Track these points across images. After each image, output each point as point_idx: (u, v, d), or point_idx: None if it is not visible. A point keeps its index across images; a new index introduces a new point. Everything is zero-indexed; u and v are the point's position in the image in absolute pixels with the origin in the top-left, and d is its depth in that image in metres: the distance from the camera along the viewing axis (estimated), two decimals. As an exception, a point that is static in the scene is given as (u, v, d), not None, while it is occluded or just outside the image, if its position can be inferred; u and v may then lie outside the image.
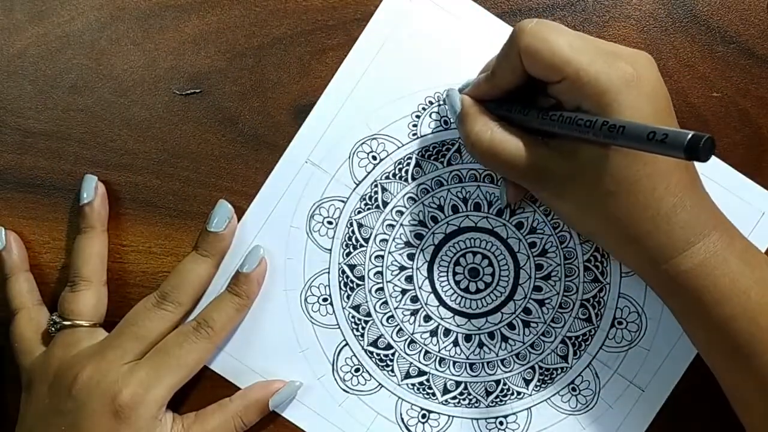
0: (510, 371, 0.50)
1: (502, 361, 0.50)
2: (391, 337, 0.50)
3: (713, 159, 0.48)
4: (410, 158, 0.50)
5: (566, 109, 0.41)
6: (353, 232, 0.50)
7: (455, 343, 0.50)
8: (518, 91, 0.44)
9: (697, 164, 0.43)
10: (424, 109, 0.49)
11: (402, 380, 0.50)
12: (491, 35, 0.49)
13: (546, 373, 0.50)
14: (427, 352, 0.50)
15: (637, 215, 0.41)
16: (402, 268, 0.50)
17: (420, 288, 0.50)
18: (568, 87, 0.40)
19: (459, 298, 0.50)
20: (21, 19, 0.50)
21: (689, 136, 0.32)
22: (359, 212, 0.50)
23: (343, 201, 0.50)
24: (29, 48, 0.50)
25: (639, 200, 0.40)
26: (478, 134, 0.44)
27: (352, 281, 0.50)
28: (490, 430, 0.50)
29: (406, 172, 0.50)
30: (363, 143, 0.50)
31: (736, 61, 0.50)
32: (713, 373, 0.45)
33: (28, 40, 0.50)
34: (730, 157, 0.49)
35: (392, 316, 0.50)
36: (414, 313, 0.50)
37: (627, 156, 0.40)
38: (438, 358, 0.50)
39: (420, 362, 0.50)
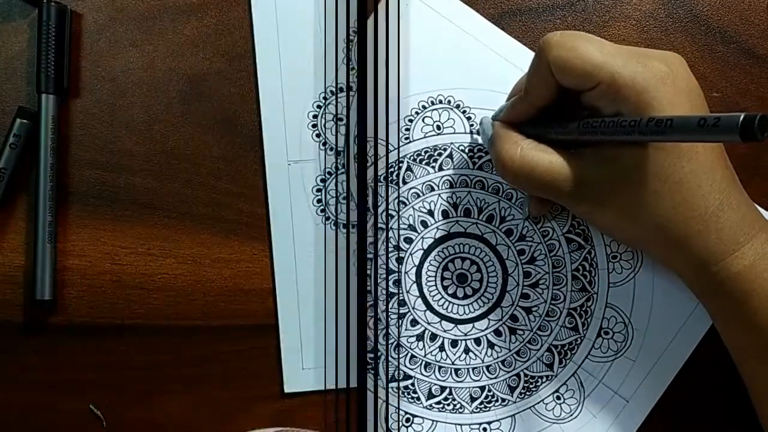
0: (495, 378, 0.50)
1: (487, 367, 0.50)
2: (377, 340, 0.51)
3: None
4: (401, 162, 0.50)
5: (603, 116, 0.41)
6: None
7: (441, 348, 0.50)
8: (552, 107, 0.43)
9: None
10: (417, 113, 0.49)
11: (386, 384, 0.51)
12: (484, 39, 0.49)
13: (531, 380, 0.50)
14: (412, 356, 0.50)
15: (685, 215, 0.40)
16: (390, 272, 0.50)
17: (408, 292, 0.50)
18: (603, 92, 0.40)
19: (446, 303, 0.50)
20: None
21: (742, 116, 0.31)
22: (350, 215, 0.50)
23: (334, 204, 0.50)
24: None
25: (686, 198, 0.40)
26: (507, 152, 0.43)
27: (343, 283, 0.51)
28: (474, 435, 0.50)
29: (397, 176, 0.50)
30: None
31: (736, 61, 0.49)
32: (744, 380, 0.44)
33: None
34: (730, 156, 0.47)
35: (379, 319, 0.50)
36: (401, 317, 0.50)
37: (670, 153, 0.39)
38: (423, 362, 0.50)
39: (405, 366, 0.50)
